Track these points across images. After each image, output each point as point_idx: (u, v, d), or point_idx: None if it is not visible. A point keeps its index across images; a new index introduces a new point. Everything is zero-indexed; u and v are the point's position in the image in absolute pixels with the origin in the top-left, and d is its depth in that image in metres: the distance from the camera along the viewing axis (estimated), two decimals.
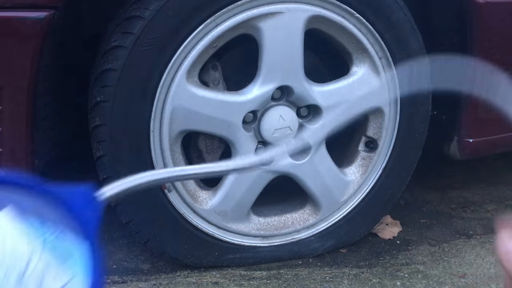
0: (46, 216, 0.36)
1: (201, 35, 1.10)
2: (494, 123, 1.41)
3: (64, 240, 0.36)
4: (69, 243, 0.36)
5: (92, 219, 0.38)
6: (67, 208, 0.37)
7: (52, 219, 0.36)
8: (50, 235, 0.36)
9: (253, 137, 1.22)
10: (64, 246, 0.36)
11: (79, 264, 0.36)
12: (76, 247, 0.36)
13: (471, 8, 1.24)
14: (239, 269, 1.32)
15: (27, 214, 0.36)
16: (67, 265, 0.36)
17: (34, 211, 0.36)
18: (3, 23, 0.98)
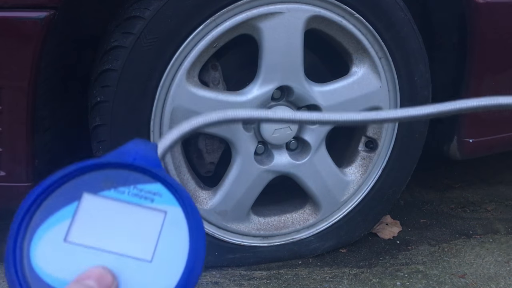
0: (117, 181, 0.37)
1: (201, 35, 1.10)
2: (494, 123, 1.41)
3: (144, 186, 0.37)
4: (149, 187, 0.37)
5: (157, 164, 0.39)
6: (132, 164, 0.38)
7: (123, 180, 0.37)
8: (128, 188, 0.37)
9: (253, 137, 1.22)
10: (145, 190, 0.37)
11: (167, 197, 0.37)
12: (157, 187, 0.37)
13: (471, 8, 1.25)
14: (239, 269, 1.32)
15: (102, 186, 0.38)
16: (157, 204, 0.37)
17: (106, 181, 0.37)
18: (3, 23, 0.98)
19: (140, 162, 0.38)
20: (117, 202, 0.37)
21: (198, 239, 0.37)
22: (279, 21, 1.13)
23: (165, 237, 0.36)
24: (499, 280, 1.30)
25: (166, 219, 0.36)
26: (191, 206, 0.37)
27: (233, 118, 0.41)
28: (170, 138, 0.41)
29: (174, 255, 0.36)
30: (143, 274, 0.35)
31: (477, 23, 1.26)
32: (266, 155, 1.27)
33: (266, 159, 1.26)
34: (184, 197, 0.37)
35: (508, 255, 1.41)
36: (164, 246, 0.36)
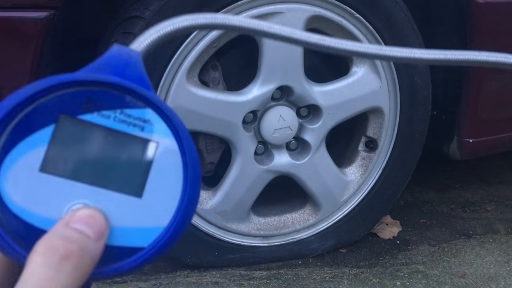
0: (101, 103, 0.32)
1: (201, 35, 1.10)
2: (493, 123, 1.41)
3: (132, 112, 0.32)
4: (139, 113, 0.32)
5: (139, 75, 0.33)
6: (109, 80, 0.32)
7: (109, 103, 0.32)
8: (114, 113, 0.32)
9: (253, 137, 1.22)
10: (134, 115, 0.32)
11: (160, 126, 0.32)
12: (147, 113, 0.32)
13: (471, 8, 1.25)
14: (239, 269, 1.32)
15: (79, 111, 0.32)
16: (147, 133, 0.32)
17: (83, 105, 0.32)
18: (3, 23, 0.98)
19: (128, 82, 0.32)
20: (101, 129, 0.31)
21: (193, 175, 0.32)
22: (279, 21, 1.13)
23: (156, 171, 0.32)
24: (499, 280, 1.30)
25: (158, 151, 0.32)
26: (186, 138, 0.33)
27: (222, 24, 0.35)
28: (150, 38, 0.35)
29: (166, 192, 0.32)
30: (132, 211, 0.31)
31: (477, 23, 1.26)
32: (266, 155, 1.27)
33: (266, 159, 1.26)
34: (179, 127, 0.33)
35: (508, 255, 1.41)
36: (155, 182, 0.32)
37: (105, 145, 0.31)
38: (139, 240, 0.31)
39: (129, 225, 0.31)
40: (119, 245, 0.31)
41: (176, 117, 0.33)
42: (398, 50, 0.39)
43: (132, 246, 0.31)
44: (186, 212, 0.32)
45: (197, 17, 0.35)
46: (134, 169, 0.32)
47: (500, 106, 1.39)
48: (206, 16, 0.35)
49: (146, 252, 0.31)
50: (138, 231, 0.31)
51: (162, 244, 0.31)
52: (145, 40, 0.35)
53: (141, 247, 0.31)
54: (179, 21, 0.35)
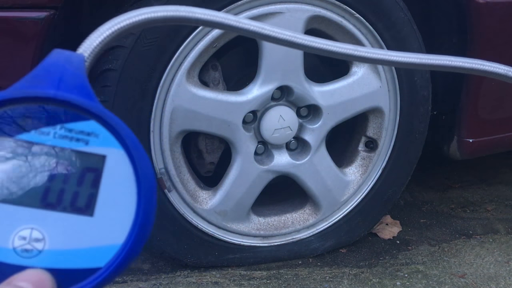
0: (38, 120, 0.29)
1: (201, 35, 1.10)
2: (493, 123, 1.41)
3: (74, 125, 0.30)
4: (81, 126, 0.30)
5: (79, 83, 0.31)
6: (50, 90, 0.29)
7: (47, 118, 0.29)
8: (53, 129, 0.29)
9: (253, 137, 1.22)
10: (76, 129, 0.30)
11: (106, 137, 0.30)
12: (91, 125, 0.30)
13: (471, 8, 1.25)
14: (239, 269, 1.32)
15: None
16: (93, 146, 0.30)
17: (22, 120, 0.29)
18: (3, 23, 0.98)
19: (66, 93, 0.30)
20: (42, 147, 0.29)
21: (147, 186, 0.30)
22: (279, 21, 1.13)
23: (106, 186, 0.30)
24: (499, 280, 1.30)
25: (106, 165, 0.30)
26: (135, 147, 0.31)
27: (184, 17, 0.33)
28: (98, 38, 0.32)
29: (120, 207, 0.30)
30: (84, 231, 0.29)
31: (477, 23, 1.26)
32: (266, 155, 1.27)
33: (266, 159, 1.26)
34: (126, 136, 0.31)
35: (508, 255, 1.41)
36: (107, 198, 0.30)
37: (48, 164, 0.29)
38: (95, 261, 0.30)
39: (83, 246, 0.30)
40: (74, 268, 0.30)
41: (122, 125, 0.31)
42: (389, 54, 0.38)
43: (88, 267, 0.30)
44: (143, 225, 0.30)
45: (157, 10, 0.32)
46: (82, 186, 0.30)
47: (500, 106, 1.39)
48: (168, 8, 0.32)
49: (103, 272, 0.30)
50: (92, 251, 0.30)
51: (119, 262, 0.30)
52: (96, 40, 0.32)
53: (97, 267, 0.30)
54: (136, 15, 0.32)
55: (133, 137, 0.31)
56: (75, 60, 0.32)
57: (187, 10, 0.32)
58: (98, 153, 0.30)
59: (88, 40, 0.32)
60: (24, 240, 0.29)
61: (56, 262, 0.29)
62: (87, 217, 0.30)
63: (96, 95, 0.31)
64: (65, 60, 0.32)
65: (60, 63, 0.31)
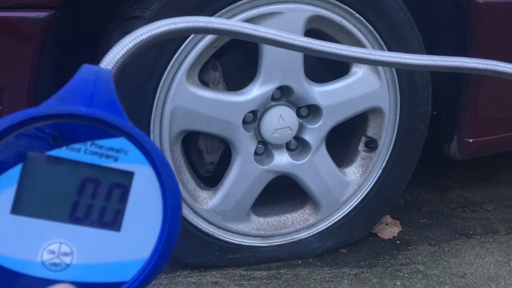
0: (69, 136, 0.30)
1: (201, 35, 1.10)
2: (494, 123, 1.41)
3: (104, 142, 0.31)
4: (111, 143, 0.31)
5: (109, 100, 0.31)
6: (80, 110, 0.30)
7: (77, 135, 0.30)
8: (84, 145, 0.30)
9: (253, 137, 1.22)
10: (106, 146, 0.31)
11: (134, 154, 0.31)
12: (120, 142, 0.31)
13: (471, 8, 1.25)
14: (239, 269, 1.32)
15: None
16: (122, 163, 0.31)
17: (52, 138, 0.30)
18: (3, 23, 0.98)
19: (97, 110, 0.31)
20: (72, 163, 0.30)
21: (174, 203, 0.31)
22: (279, 21, 1.13)
23: (134, 202, 0.31)
24: (499, 280, 1.30)
25: (134, 181, 0.31)
26: (163, 165, 0.31)
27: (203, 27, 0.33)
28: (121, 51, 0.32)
29: (146, 222, 0.31)
30: (111, 246, 0.30)
31: (477, 23, 1.26)
32: (266, 155, 1.27)
33: (266, 159, 1.26)
34: (154, 154, 0.31)
35: (508, 255, 1.41)
36: (134, 213, 0.31)
37: (78, 180, 0.30)
38: (120, 275, 0.30)
39: (110, 260, 0.30)
40: (100, 282, 0.30)
41: (151, 143, 0.32)
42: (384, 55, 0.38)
43: (114, 281, 0.30)
44: (168, 241, 0.31)
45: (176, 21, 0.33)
46: (110, 202, 0.31)
47: (500, 106, 1.39)
48: (187, 19, 0.33)
49: (128, 285, 0.31)
50: (119, 265, 0.31)
51: (145, 277, 0.31)
52: (118, 53, 0.33)
53: (123, 281, 0.31)
54: (157, 27, 0.33)
55: (161, 155, 0.32)
56: (104, 75, 0.32)
57: (206, 20, 0.33)
58: (126, 169, 0.31)
59: (111, 53, 0.33)
60: (53, 254, 0.30)
61: (83, 276, 0.30)
62: (114, 232, 0.31)
63: None
64: (95, 75, 0.32)
65: (91, 79, 0.32)
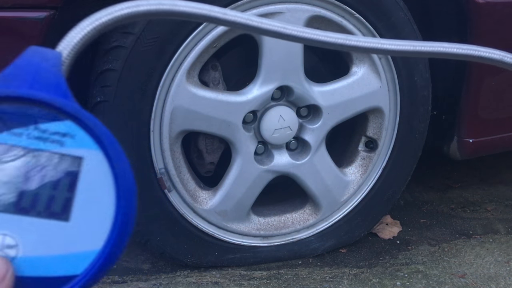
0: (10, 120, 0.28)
1: (201, 35, 1.10)
2: (494, 123, 1.41)
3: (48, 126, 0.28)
4: (56, 126, 0.28)
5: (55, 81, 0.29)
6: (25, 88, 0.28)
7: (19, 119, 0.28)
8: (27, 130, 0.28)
9: (253, 137, 1.22)
10: (51, 130, 0.28)
11: (82, 138, 0.29)
12: (66, 125, 0.28)
13: (471, 8, 1.25)
14: (239, 269, 1.32)
15: None
16: (69, 148, 0.28)
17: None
18: (3, 23, 0.98)
19: (40, 91, 0.28)
20: (15, 149, 0.28)
21: (127, 189, 0.29)
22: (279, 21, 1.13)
23: (83, 190, 0.28)
24: (499, 280, 1.30)
25: (83, 167, 0.28)
26: (114, 148, 0.29)
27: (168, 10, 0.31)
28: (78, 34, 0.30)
29: (97, 211, 0.28)
30: (60, 237, 0.28)
31: (477, 23, 1.26)
32: (266, 155, 1.27)
33: (266, 159, 1.26)
34: (104, 137, 0.29)
35: (508, 255, 1.41)
36: (83, 201, 0.28)
37: (21, 167, 0.28)
38: (71, 268, 0.28)
39: (59, 253, 0.28)
40: (50, 276, 0.28)
41: (100, 125, 0.29)
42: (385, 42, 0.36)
43: (64, 275, 0.28)
44: (122, 230, 0.29)
45: (139, 4, 0.31)
46: (57, 190, 0.28)
47: (500, 106, 1.39)
48: (150, 2, 0.31)
49: (80, 279, 0.29)
50: (69, 257, 0.28)
51: (97, 269, 0.29)
52: (76, 36, 0.31)
53: (74, 275, 0.28)
54: (117, 10, 0.31)
55: (111, 138, 0.29)
56: (51, 57, 0.30)
57: (170, 3, 0.31)
58: (74, 154, 0.28)
59: (68, 37, 0.31)
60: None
61: (30, 270, 0.28)
62: (63, 222, 0.28)
63: (96, 95, 0.30)
64: (41, 57, 0.30)
65: (35, 61, 0.30)
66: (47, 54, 0.30)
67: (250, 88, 1.18)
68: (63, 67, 0.31)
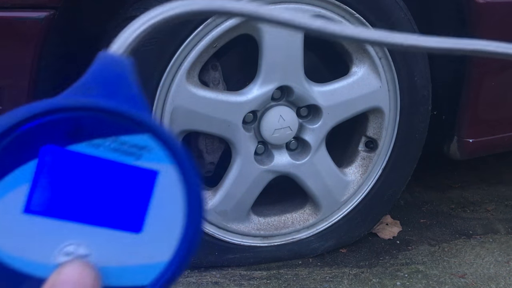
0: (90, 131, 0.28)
1: (201, 35, 1.10)
2: (494, 123, 1.41)
3: (127, 138, 0.28)
4: (134, 139, 0.28)
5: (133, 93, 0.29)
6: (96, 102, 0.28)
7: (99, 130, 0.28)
8: (106, 141, 0.28)
9: (253, 137, 1.22)
10: (129, 143, 0.28)
11: (159, 153, 0.29)
12: (144, 138, 0.28)
13: (471, 8, 1.25)
14: (239, 269, 1.32)
15: None
16: (145, 161, 0.28)
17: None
18: (3, 23, 0.98)
19: (120, 103, 0.29)
20: (92, 160, 0.28)
21: (196, 205, 0.30)
22: None
23: (156, 203, 0.29)
24: (499, 280, 1.30)
25: (157, 181, 0.29)
26: (188, 165, 0.29)
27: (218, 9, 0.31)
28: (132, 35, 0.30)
29: (167, 224, 0.29)
30: (131, 248, 0.29)
31: (477, 23, 1.26)
32: (266, 155, 1.27)
33: (266, 159, 1.26)
34: (179, 153, 0.29)
35: (508, 255, 1.41)
36: (155, 215, 0.29)
37: (97, 178, 0.28)
38: (140, 278, 0.29)
39: (129, 263, 0.29)
40: (118, 286, 0.29)
41: (176, 142, 0.30)
42: None
43: (132, 285, 0.29)
44: (190, 243, 0.29)
45: (191, 3, 0.30)
46: (131, 202, 0.29)
47: (500, 106, 1.39)
48: (202, 2, 0.31)
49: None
50: (138, 268, 0.29)
51: (165, 281, 0.29)
52: (129, 37, 0.31)
53: (142, 285, 0.29)
54: (170, 9, 0.30)
55: (186, 154, 0.30)
56: (125, 64, 0.30)
57: (220, 3, 0.31)
58: (150, 168, 0.29)
59: (121, 38, 0.30)
60: (68, 256, 0.28)
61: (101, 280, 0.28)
62: (135, 234, 0.29)
63: None
64: (115, 65, 0.30)
65: (112, 68, 0.30)
66: (121, 61, 0.30)
67: (250, 88, 1.18)
68: None
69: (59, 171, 0.27)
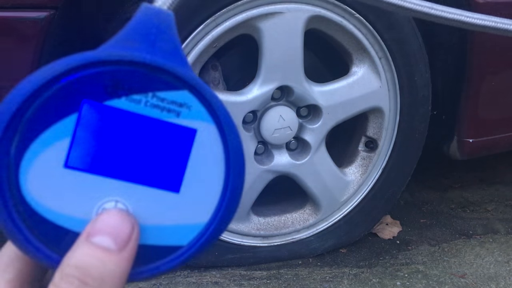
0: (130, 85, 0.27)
1: (201, 35, 1.10)
2: (493, 123, 1.41)
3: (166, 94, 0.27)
4: (174, 96, 0.28)
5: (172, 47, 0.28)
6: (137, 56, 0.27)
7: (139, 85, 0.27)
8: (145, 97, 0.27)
9: (253, 137, 1.22)
10: (169, 99, 0.28)
11: (198, 110, 0.28)
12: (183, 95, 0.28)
13: (471, 8, 1.24)
14: (239, 269, 1.32)
15: None
16: (184, 119, 0.28)
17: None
18: (3, 23, 0.98)
19: (159, 57, 0.28)
20: (131, 116, 0.27)
21: (237, 165, 0.29)
22: (279, 21, 1.13)
23: (195, 162, 0.28)
24: (499, 280, 1.30)
25: (196, 140, 0.28)
26: (228, 123, 0.29)
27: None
28: None
29: (206, 185, 0.28)
30: (169, 208, 0.28)
31: None
32: (266, 155, 1.27)
33: (266, 159, 1.26)
34: (219, 111, 0.28)
35: (508, 255, 1.41)
36: (194, 174, 0.28)
37: (136, 134, 0.27)
38: (177, 238, 0.29)
39: (167, 223, 0.28)
40: (155, 244, 0.28)
41: (216, 99, 0.29)
42: None
43: (170, 244, 0.29)
44: (229, 206, 0.29)
45: None
46: (170, 161, 0.28)
47: (500, 106, 1.39)
48: None
49: (185, 251, 0.29)
50: (176, 228, 0.29)
51: (203, 242, 0.29)
52: None
53: (179, 245, 0.29)
54: None
55: (226, 112, 0.29)
56: (166, 19, 0.29)
57: None
58: (189, 126, 0.28)
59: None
60: None
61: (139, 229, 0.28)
62: (173, 193, 0.28)
63: None
64: (157, 18, 0.29)
65: (153, 21, 0.29)
66: (162, 14, 0.29)
67: (250, 88, 1.18)
68: None
69: (99, 126, 0.27)
